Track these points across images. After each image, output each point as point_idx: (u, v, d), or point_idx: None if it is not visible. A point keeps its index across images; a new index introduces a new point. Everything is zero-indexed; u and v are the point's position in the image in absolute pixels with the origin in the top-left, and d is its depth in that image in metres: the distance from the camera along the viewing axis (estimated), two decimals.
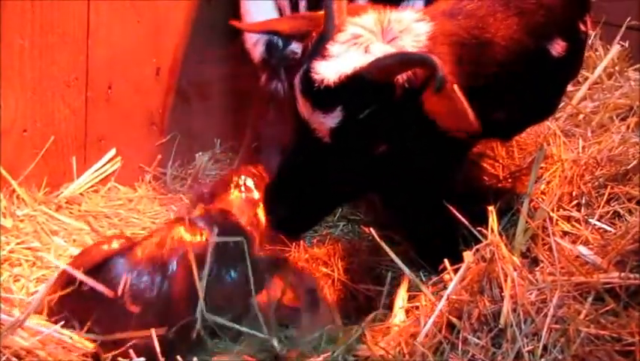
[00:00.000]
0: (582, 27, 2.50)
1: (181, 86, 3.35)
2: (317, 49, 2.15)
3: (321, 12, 2.27)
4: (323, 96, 2.12)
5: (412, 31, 2.16)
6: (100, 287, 2.15)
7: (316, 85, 2.12)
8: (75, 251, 2.68)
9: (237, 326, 2.25)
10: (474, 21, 2.26)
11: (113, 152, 3.20)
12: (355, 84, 2.09)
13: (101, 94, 3.15)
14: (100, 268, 2.24)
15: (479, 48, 2.25)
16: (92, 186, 3.15)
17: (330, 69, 2.10)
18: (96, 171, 3.17)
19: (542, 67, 2.41)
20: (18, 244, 2.72)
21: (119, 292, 2.19)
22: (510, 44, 2.30)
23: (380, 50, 2.11)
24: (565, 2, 2.43)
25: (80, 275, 2.15)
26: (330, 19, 2.15)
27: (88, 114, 3.13)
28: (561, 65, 2.47)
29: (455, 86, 2.03)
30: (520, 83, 2.37)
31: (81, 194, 3.11)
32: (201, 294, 2.22)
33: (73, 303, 2.15)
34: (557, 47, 2.42)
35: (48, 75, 3.01)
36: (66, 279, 2.20)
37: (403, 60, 2.08)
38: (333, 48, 2.13)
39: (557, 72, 2.52)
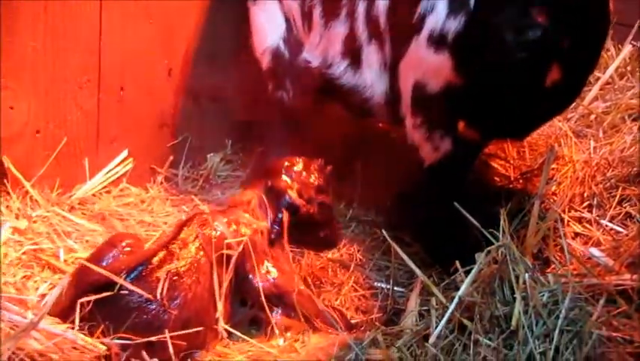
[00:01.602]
0: (611, 5, 2.48)
1: (192, 88, 3.35)
2: None
3: None
4: None
5: None
6: (138, 291, 2.18)
7: None
8: (85, 254, 2.69)
9: (247, 338, 2.29)
10: None
11: (125, 153, 3.20)
12: None
13: (113, 95, 3.15)
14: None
15: None
16: (105, 187, 3.15)
17: None
18: (108, 172, 3.17)
19: (600, 12, 2.37)
20: (32, 244, 2.74)
21: (158, 295, 2.21)
22: None
23: None
24: None
25: (117, 278, 2.19)
26: None
27: (100, 116, 3.14)
28: (607, 22, 2.43)
29: None
30: (579, 21, 2.30)
31: (93, 195, 3.11)
32: (219, 297, 2.25)
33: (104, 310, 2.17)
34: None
35: (60, 77, 3.01)
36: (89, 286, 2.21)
37: None
38: None
39: (603, 23, 2.47)
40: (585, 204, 2.66)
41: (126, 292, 2.19)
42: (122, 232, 2.83)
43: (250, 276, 2.42)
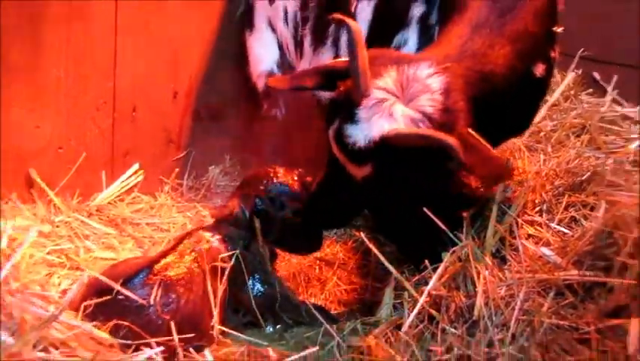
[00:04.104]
0: (552, 54, 2.50)
1: (196, 108, 3.33)
2: (347, 111, 2.14)
3: (341, 61, 2.25)
4: (354, 154, 2.14)
5: (427, 88, 2.12)
6: (133, 296, 2.12)
7: (348, 145, 2.13)
8: (101, 253, 2.67)
9: (243, 336, 2.24)
10: (478, 58, 2.23)
11: (136, 166, 3.18)
12: (382, 148, 2.09)
13: (126, 116, 3.14)
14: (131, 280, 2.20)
15: (484, 82, 2.23)
16: (119, 196, 3.14)
17: (360, 133, 2.12)
18: (122, 182, 3.16)
19: (527, 86, 2.40)
20: (55, 245, 2.72)
21: (151, 301, 2.15)
22: (507, 71, 2.27)
23: (402, 112, 2.10)
24: (543, 31, 2.42)
25: (114, 284, 2.12)
26: (357, 86, 2.11)
27: (115, 133, 3.13)
28: (540, 84, 2.47)
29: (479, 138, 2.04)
30: (509, 101, 2.34)
31: (109, 202, 3.09)
32: (214, 305, 2.20)
33: (107, 310, 2.11)
34: (539, 69, 2.40)
35: (80, 100, 3.01)
36: (98, 287, 2.15)
37: (422, 138, 2.06)
38: (360, 113, 2.11)
39: (537, 90, 2.52)
40: (537, 209, 2.64)
41: (122, 297, 2.13)
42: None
43: (243, 287, 2.35)
